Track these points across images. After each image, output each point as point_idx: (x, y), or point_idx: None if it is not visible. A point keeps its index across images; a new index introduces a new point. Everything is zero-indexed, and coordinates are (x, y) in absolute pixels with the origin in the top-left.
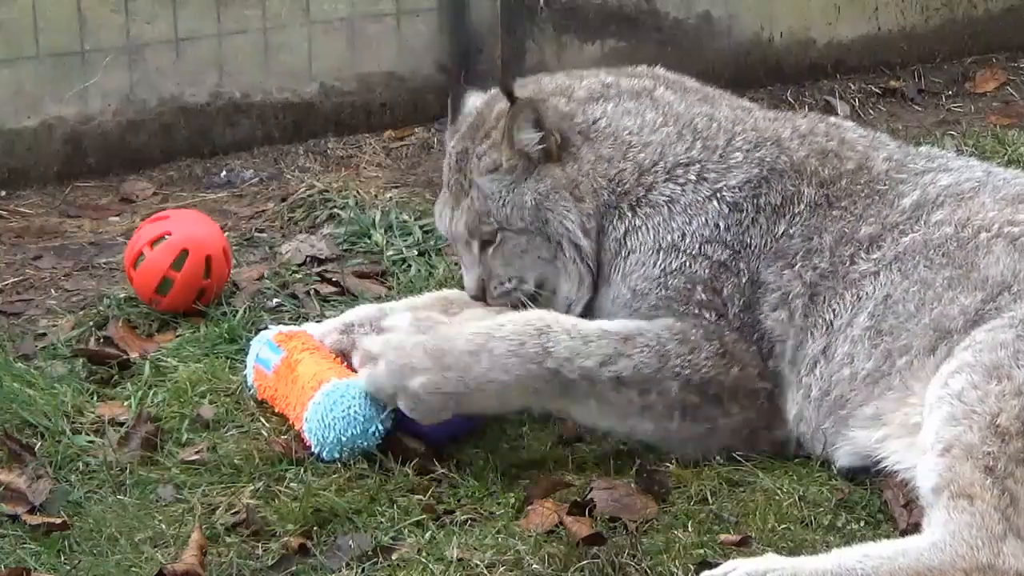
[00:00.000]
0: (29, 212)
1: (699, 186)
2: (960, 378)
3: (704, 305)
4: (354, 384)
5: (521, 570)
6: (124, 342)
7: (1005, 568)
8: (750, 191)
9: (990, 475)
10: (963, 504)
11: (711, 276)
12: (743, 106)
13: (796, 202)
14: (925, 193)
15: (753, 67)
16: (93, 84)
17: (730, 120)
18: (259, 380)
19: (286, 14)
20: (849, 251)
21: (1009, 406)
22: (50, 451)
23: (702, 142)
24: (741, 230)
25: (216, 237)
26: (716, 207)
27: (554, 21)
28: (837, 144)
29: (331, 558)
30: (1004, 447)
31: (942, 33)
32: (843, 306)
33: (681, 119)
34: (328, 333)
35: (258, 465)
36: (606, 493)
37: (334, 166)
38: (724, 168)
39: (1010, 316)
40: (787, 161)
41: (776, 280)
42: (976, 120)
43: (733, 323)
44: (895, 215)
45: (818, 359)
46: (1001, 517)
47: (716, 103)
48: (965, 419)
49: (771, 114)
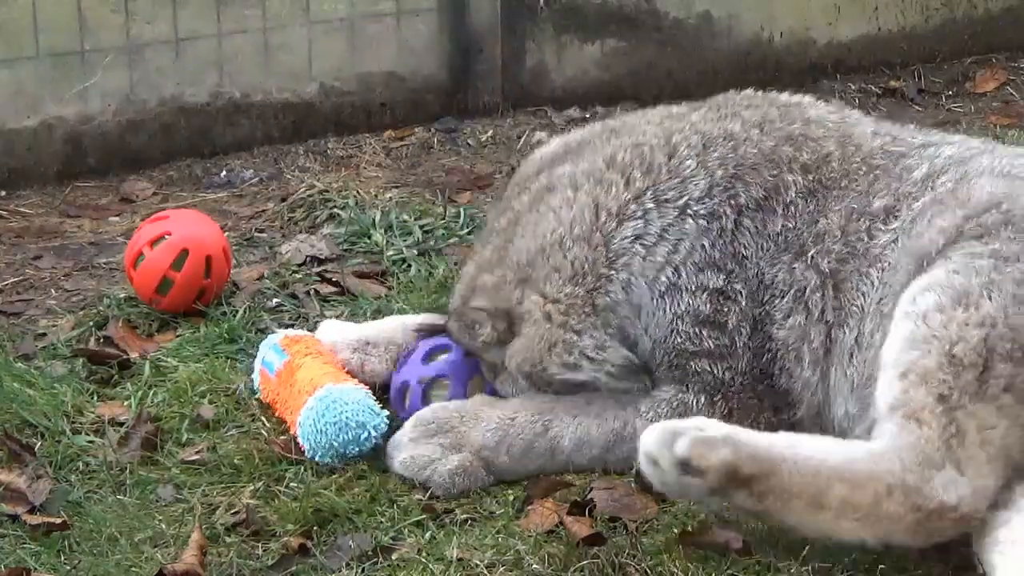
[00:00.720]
0: (29, 212)
1: (663, 209)
2: (929, 297)
3: (712, 355)
4: (348, 390)
5: (521, 570)
6: (124, 342)
7: (930, 495)
8: (722, 195)
9: (942, 403)
10: (912, 426)
11: (713, 310)
12: (671, 114)
13: (783, 191)
14: (933, 165)
15: (753, 67)
16: (93, 84)
17: (660, 135)
18: (264, 383)
19: (286, 14)
20: (864, 225)
21: (969, 335)
22: (50, 451)
23: (640, 170)
24: (728, 241)
25: (216, 237)
26: (691, 226)
27: (554, 21)
28: (802, 125)
29: (331, 558)
30: (959, 378)
31: (942, 33)
32: (871, 286)
33: (592, 175)
34: (341, 349)
35: (258, 465)
36: (606, 493)
37: (334, 166)
38: (679, 182)
39: (992, 247)
40: (755, 153)
41: (786, 278)
42: (976, 120)
43: (742, 360)
44: (907, 187)
45: (853, 348)
46: (943, 446)
47: (632, 129)
48: (925, 343)
49: (707, 112)
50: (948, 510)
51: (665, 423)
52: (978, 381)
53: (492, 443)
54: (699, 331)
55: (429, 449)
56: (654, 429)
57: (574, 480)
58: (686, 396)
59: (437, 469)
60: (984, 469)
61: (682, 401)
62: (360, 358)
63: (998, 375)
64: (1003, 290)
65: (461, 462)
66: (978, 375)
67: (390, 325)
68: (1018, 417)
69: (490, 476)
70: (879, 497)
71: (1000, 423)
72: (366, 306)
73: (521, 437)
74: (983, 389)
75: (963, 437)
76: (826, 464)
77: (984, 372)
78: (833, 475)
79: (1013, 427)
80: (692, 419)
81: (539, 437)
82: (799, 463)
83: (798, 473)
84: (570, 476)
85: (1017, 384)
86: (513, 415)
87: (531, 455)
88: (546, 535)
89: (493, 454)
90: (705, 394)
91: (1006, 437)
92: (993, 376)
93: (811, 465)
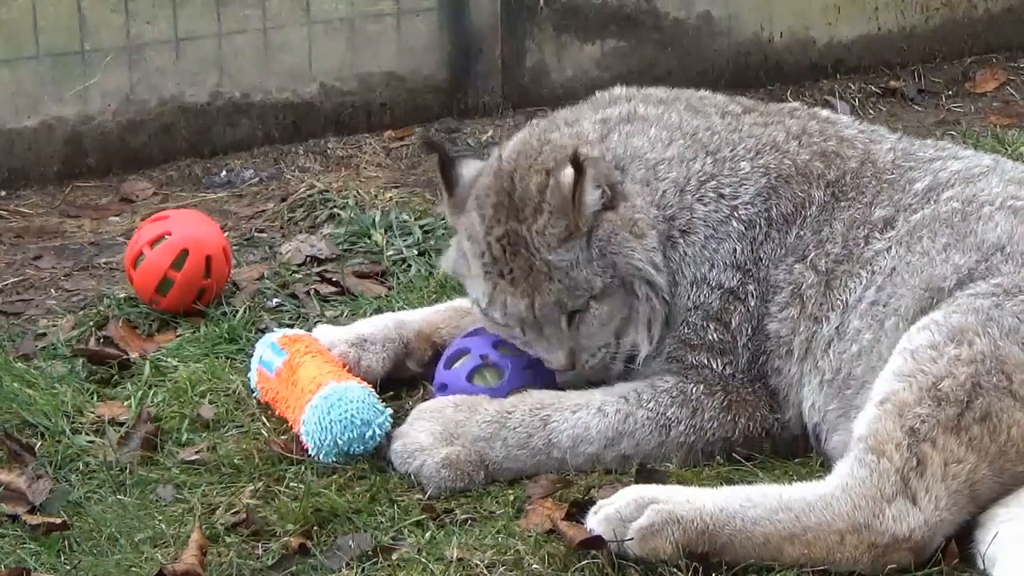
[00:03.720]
0: (29, 212)
1: (720, 204)
2: (924, 334)
3: (712, 350)
4: (352, 388)
5: (521, 570)
6: (124, 342)
7: (881, 529)
8: (761, 204)
9: (911, 437)
10: (870, 459)
11: (721, 308)
12: (728, 110)
13: (807, 206)
14: (936, 178)
15: (753, 67)
16: (93, 84)
17: (727, 128)
18: (262, 383)
19: (286, 14)
20: (863, 233)
21: (958, 372)
22: (50, 451)
23: (711, 156)
24: (754, 248)
25: (216, 237)
26: (735, 228)
27: (554, 21)
28: (836, 143)
29: (331, 558)
30: (936, 412)
31: (942, 33)
32: (858, 283)
33: (684, 131)
34: (337, 344)
35: (258, 465)
36: (606, 491)
37: (334, 166)
38: (736, 181)
39: (994, 283)
40: (791, 165)
41: (787, 277)
42: (976, 120)
43: (741, 359)
44: (908, 198)
45: (832, 338)
46: (898, 479)
47: (704, 112)
48: (910, 376)
49: (757, 117)
50: (902, 541)
51: (608, 510)
52: (957, 417)
53: (487, 435)
54: (707, 324)
55: (423, 437)
56: (600, 520)
57: (574, 479)
58: (686, 386)
59: (427, 461)
60: (943, 502)
61: (682, 391)
62: (357, 353)
63: (975, 408)
64: (1002, 324)
65: (451, 453)
66: (959, 412)
67: (385, 322)
68: (987, 452)
69: (482, 473)
70: (831, 547)
71: (968, 457)
72: (366, 306)
73: (518, 430)
74: (959, 423)
75: (923, 469)
76: (776, 528)
77: (966, 409)
78: (784, 539)
79: (981, 463)
80: (631, 492)
81: (536, 431)
82: (748, 530)
83: (750, 543)
84: (570, 476)
85: (992, 414)
86: (512, 408)
87: (527, 449)
88: (546, 535)
89: (488, 446)
90: (705, 385)
91: (974, 473)
92: (970, 411)
93: (760, 533)
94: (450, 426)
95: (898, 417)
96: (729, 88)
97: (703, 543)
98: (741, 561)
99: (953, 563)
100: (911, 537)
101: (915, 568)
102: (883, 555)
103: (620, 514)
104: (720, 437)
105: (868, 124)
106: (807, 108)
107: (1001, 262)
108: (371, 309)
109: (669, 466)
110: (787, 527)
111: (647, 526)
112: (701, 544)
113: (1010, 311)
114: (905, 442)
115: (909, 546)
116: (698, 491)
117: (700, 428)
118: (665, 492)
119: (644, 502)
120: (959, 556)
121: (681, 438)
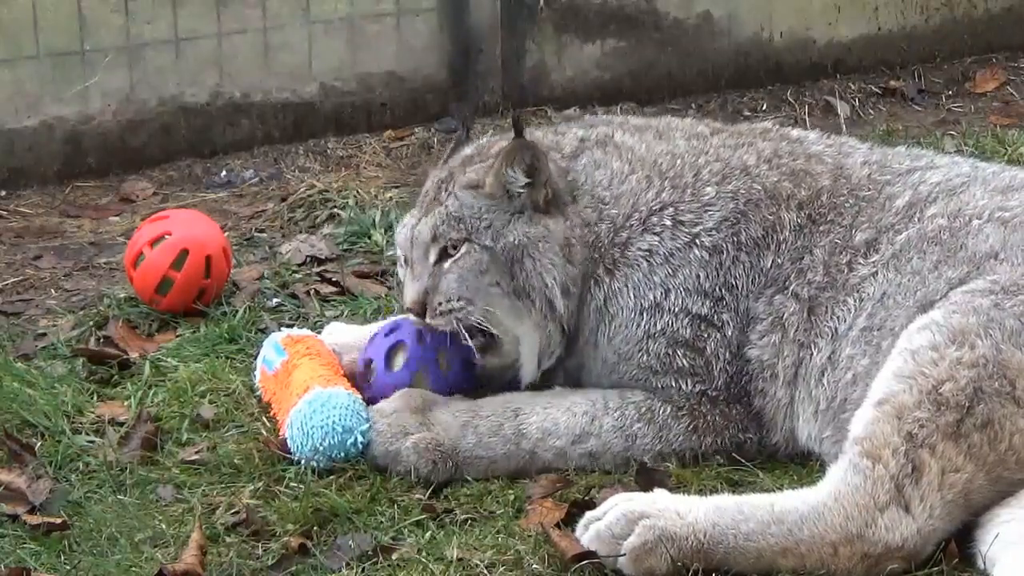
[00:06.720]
0: (29, 212)
1: (676, 232)
2: (924, 335)
3: (682, 373)
4: (337, 394)
5: (521, 570)
6: (124, 342)
7: (874, 539)
8: (728, 230)
9: (908, 442)
10: (865, 465)
11: (693, 335)
12: (696, 133)
13: (779, 230)
14: (917, 192)
15: (753, 67)
16: (93, 84)
17: (691, 152)
18: (263, 382)
19: (286, 14)
20: (846, 259)
21: (959, 376)
22: (50, 451)
23: (670, 182)
24: (722, 273)
25: (216, 237)
26: (696, 255)
27: (554, 21)
28: (804, 161)
29: (331, 558)
30: (936, 416)
31: (942, 33)
32: (847, 311)
33: (645, 162)
34: (348, 351)
35: (258, 465)
36: (607, 492)
37: (334, 166)
38: (699, 207)
39: (992, 280)
40: (760, 189)
41: (767, 308)
42: (976, 120)
43: (717, 381)
44: (888, 217)
45: (825, 367)
46: (892, 487)
47: (670, 136)
48: (910, 378)
49: (727, 138)
50: (895, 551)
51: (598, 527)
52: (957, 423)
53: (459, 423)
54: (672, 351)
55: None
56: (592, 538)
57: (574, 479)
58: (653, 404)
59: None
60: (937, 511)
61: (649, 408)
62: None
63: (976, 415)
64: (1003, 326)
65: (421, 439)
66: (959, 418)
67: None
68: (985, 461)
69: (452, 463)
70: (825, 558)
71: (967, 466)
72: (366, 306)
73: (489, 419)
74: (959, 430)
75: (919, 476)
76: (769, 542)
77: (966, 415)
78: (777, 554)
79: (979, 472)
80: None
81: (507, 421)
82: (741, 547)
83: (744, 558)
84: (570, 475)
85: (994, 421)
86: (486, 403)
87: (497, 438)
88: (546, 535)
89: (460, 434)
90: (672, 406)
91: (970, 483)
92: (971, 417)
93: (753, 548)
94: (424, 416)
95: (896, 420)
96: (729, 88)
97: (697, 560)
98: (736, 573)
99: (953, 563)
100: (903, 547)
101: (915, 568)
102: (876, 564)
103: (611, 531)
104: (688, 448)
105: (836, 137)
106: (778, 128)
107: (996, 265)
108: (371, 309)
109: (669, 466)
110: (780, 541)
111: (639, 545)
112: (695, 561)
113: (1011, 312)
114: (902, 447)
115: (901, 555)
116: (689, 502)
117: (667, 442)
118: (655, 505)
119: (634, 517)
120: (959, 556)
121: (647, 447)
